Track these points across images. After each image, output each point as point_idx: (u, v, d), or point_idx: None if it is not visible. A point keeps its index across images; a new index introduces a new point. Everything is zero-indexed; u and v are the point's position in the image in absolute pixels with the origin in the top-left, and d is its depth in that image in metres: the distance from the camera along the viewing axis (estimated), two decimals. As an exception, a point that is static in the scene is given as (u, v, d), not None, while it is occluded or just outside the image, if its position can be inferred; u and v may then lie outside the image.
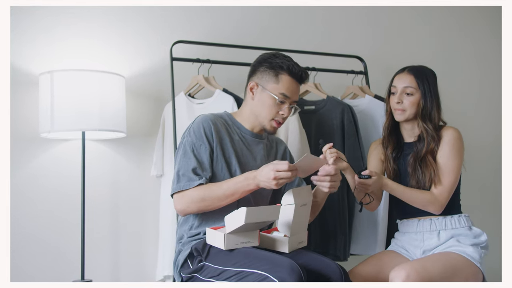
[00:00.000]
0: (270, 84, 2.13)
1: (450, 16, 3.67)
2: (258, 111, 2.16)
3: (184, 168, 2.04)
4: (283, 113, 2.15)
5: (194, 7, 2.90)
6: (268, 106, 2.14)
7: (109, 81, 2.42)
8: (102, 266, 2.64)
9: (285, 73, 2.12)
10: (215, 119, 2.14)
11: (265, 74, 2.15)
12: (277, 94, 2.12)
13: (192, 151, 2.06)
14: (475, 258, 2.21)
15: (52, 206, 2.56)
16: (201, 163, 2.06)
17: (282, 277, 1.77)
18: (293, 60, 2.17)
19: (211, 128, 2.10)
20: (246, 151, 2.17)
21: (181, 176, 2.04)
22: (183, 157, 2.07)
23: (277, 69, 2.13)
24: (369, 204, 2.34)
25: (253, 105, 2.17)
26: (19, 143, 2.51)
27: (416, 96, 2.34)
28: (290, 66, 2.13)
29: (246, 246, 1.95)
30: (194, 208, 2.03)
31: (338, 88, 3.01)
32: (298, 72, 2.14)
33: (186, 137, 2.11)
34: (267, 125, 2.18)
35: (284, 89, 2.13)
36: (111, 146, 2.69)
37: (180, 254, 2.11)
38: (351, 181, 2.28)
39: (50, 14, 2.60)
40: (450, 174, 2.30)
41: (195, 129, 2.10)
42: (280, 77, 2.13)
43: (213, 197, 2.00)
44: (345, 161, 2.21)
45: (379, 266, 2.32)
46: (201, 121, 2.11)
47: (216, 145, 2.09)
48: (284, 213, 1.97)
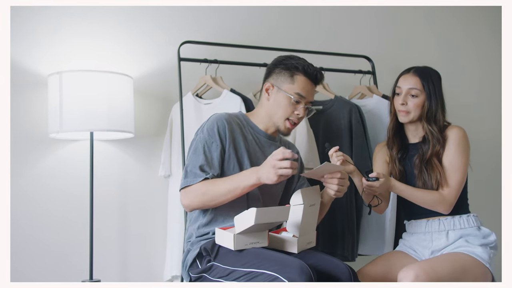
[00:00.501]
0: (286, 84, 2.14)
1: (453, 16, 3.67)
2: (273, 111, 2.17)
3: (192, 164, 2.05)
4: (298, 113, 2.15)
5: (201, 7, 2.90)
6: (284, 106, 2.14)
7: (117, 81, 2.42)
8: (111, 266, 2.65)
9: (300, 73, 2.14)
10: (230, 118, 2.14)
11: (280, 75, 2.16)
12: (293, 94, 2.13)
13: (203, 148, 2.07)
14: (484, 259, 2.20)
15: (61, 206, 2.57)
16: (210, 160, 2.06)
17: (292, 277, 1.77)
18: (308, 62, 2.18)
19: (225, 127, 2.10)
20: (258, 152, 2.17)
21: (189, 172, 2.04)
22: (193, 153, 2.08)
23: (292, 70, 2.14)
24: (378, 207, 2.33)
25: (269, 106, 2.18)
26: (28, 143, 2.52)
27: (421, 98, 2.33)
28: (305, 67, 2.14)
29: (255, 246, 1.95)
30: (197, 202, 2.02)
31: (345, 88, 3.00)
32: (313, 72, 2.15)
33: (199, 134, 2.12)
34: (282, 125, 2.17)
35: (299, 89, 2.13)
36: (119, 146, 2.70)
37: (189, 253, 2.11)
38: (358, 184, 2.27)
39: (58, 14, 2.61)
40: (457, 173, 2.29)
41: (209, 127, 2.10)
42: (295, 78, 2.13)
43: (215, 191, 1.99)
44: (351, 164, 2.21)
45: (387, 266, 2.32)
46: (216, 120, 2.11)
47: (229, 144, 2.09)
48: (293, 213, 1.97)
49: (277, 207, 1.94)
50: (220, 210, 2.09)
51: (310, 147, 2.58)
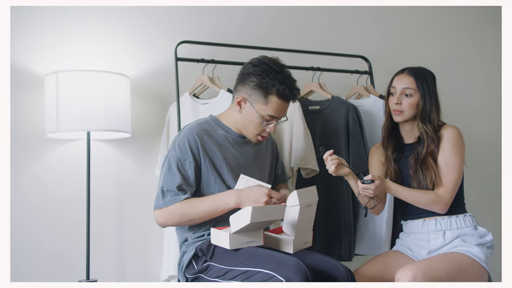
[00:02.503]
0: (259, 104, 2.09)
1: (452, 16, 3.67)
2: (244, 125, 2.15)
3: (169, 184, 2.03)
4: (269, 131, 2.14)
5: (198, 7, 2.90)
6: (255, 124, 2.12)
7: (114, 81, 2.42)
8: (107, 266, 2.65)
9: (275, 95, 2.07)
10: (201, 130, 2.11)
11: (254, 92, 2.09)
12: (264, 116, 2.09)
13: (177, 166, 2.04)
14: (481, 258, 2.20)
15: (57, 206, 2.57)
16: (186, 178, 2.04)
17: (289, 276, 1.77)
18: (286, 75, 2.09)
19: (197, 142, 2.07)
20: (236, 153, 2.16)
21: (166, 192, 2.03)
22: (167, 172, 2.05)
23: (267, 90, 2.07)
24: (374, 208, 2.34)
25: (240, 118, 2.15)
26: (24, 143, 2.52)
27: (415, 97, 2.34)
28: (281, 90, 2.05)
29: (251, 245, 1.95)
30: (173, 221, 2.04)
31: (342, 88, 3.00)
32: (289, 95, 2.08)
33: (171, 151, 2.09)
34: (253, 139, 2.18)
35: (272, 111, 2.09)
36: (116, 146, 2.69)
37: (185, 255, 2.11)
38: (354, 187, 2.28)
39: (55, 14, 2.61)
40: (453, 172, 2.29)
41: (180, 143, 2.07)
42: (269, 99, 2.07)
43: (194, 212, 2.00)
44: (347, 167, 2.22)
45: (384, 266, 2.32)
46: (186, 135, 2.08)
47: (203, 158, 2.07)
48: (289, 214, 1.97)
49: (272, 206, 1.94)
50: None
51: (307, 147, 2.57)
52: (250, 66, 2.12)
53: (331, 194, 2.69)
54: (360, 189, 2.19)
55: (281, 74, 2.08)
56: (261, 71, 2.09)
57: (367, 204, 2.29)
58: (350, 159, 2.67)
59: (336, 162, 2.16)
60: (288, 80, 2.09)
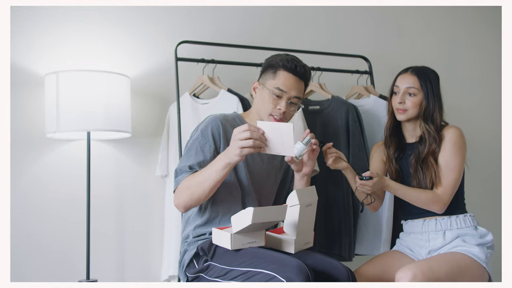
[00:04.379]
0: (269, 81, 2.16)
1: (452, 16, 3.67)
2: (259, 107, 2.18)
3: (182, 164, 2.07)
4: (280, 108, 2.15)
5: (198, 7, 2.90)
6: (266, 102, 2.15)
7: (114, 81, 2.42)
8: (107, 266, 2.65)
9: (281, 68, 2.15)
10: (225, 119, 2.15)
11: (266, 73, 2.18)
12: (273, 89, 2.13)
13: (196, 148, 2.08)
14: (481, 258, 2.20)
15: (57, 206, 2.57)
16: (201, 160, 2.06)
17: (290, 277, 1.76)
18: (296, 58, 2.18)
19: (219, 129, 2.11)
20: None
21: (178, 171, 2.06)
22: (185, 154, 2.10)
23: (275, 66, 2.16)
24: (371, 204, 2.35)
25: (256, 103, 2.21)
26: (24, 143, 2.52)
27: (419, 96, 2.34)
28: (285, 61, 2.14)
29: (252, 246, 1.95)
30: (185, 198, 2.02)
31: (343, 88, 3.01)
32: (292, 66, 2.14)
33: (193, 135, 2.14)
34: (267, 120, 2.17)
35: (280, 83, 2.13)
36: (116, 146, 2.69)
37: (186, 254, 2.11)
38: (351, 181, 2.29)
39: (55, 14, 2.61)
40: (452, 172, 2.29)
41: (203, 128, 2.12)
42: (277, 73, 2.15)
43: (194, 182, 1.99)
44: (345, 161, 2.22)
45: (384, 266, 2.32)
46: (210, 121, 2.13)
47: (223, 145, 2.10)
48: (289, 214, 1.97)
49: (274, 207, 1.94)
50: (216, 211, 2.10)
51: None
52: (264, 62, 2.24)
53: (331, 194, 2.69)
54: (358, 185, 2.19)
55: (288, 55, 2.19)
56: (271, 56, 2.21)
57: (364, 200, 2.29)
58: (350, 159, 2.67)
59: (335, 156, 2.17)
60: (295, 58, 2.19)
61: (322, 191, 2.63)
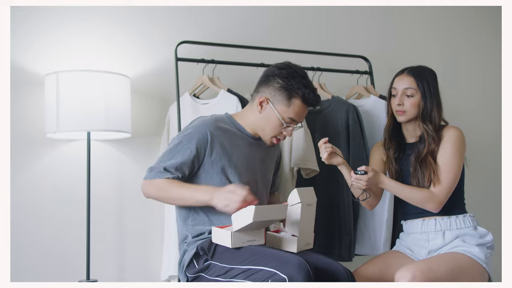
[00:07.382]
0: (281, 105, 2.12)
1: (452, 16, 3.68)
2: (263, 126, 2.17)
3: (161, 161, 2.07)
4: (286, 134, 2.16)
5: (199, 7, 2.90)
6: (274, 125, 2.14)
7: (114, 81, 2.42)
8: (107, 266, 2.65)
9: (299, 99, 2.11)
10: (215, 124, 2.13)
11: (278, 93, 2.12)
12: (285, 118, 2.12)
13: (175, 149, 2.08)
14: (481, 258, 2.20)
15: (58, 206, 2.57)
16: (177, 163, 2.05)
17: (291, 273, 1.76)
18: (314, 89, 2.13)
19: (207, 139, 2.08)
20: (244, 153, 2.17)
21: (153, 168, 2.06)
22: (167, 152, 2.10)
23: (291, 92, 2.10)
24: (367, 201, 2.35)
25: (259, 119, 2.17)
26: (24, 143, 2.52)
27: (417, 97, 2.34)
28: (306, 94, 2.09)
29: (252, 244, 1.95)
30: (153, 194, 2.05)
31: (343, 88, 3.01)
32: (312, 100, 2.12)
33: (180, 134, 2.13)
34: (268, 140, 2.20)
35: (293, 114, 2.12)
36: (116, 146, 2.69)
37: (186, 254, 2.11)
38: (347, 177, 2.29)
39: (55, 14, 2.61)
40: (450, 172, 2.29)
41: (191, 133, 2.09)
42: (292, 101, 2.11)
43: (171, 191, 2.02)
44: (340, 156, 2.22)
45: (384, 266, 2.32)
46: (198, 130, 2.10)
47: (210, 150, 2.08)
48: (291, 212, 1.97)
49: (274, 205, 1.96)
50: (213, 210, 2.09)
51: (307, 147, 2.57)
52: (276, 69, 2.16)
53: (331, 194, 2.69)
54: (352, 179, 2.19)
55: (305, 79, 2.13)
56: (287, 74, 2.12)
57: (359, 196, 2.29)
58: (350, 159, 2.67)
59: (330, 150, 2.17)
60: (311, 86, 2.13)
61: (323, 191, 2.63)
